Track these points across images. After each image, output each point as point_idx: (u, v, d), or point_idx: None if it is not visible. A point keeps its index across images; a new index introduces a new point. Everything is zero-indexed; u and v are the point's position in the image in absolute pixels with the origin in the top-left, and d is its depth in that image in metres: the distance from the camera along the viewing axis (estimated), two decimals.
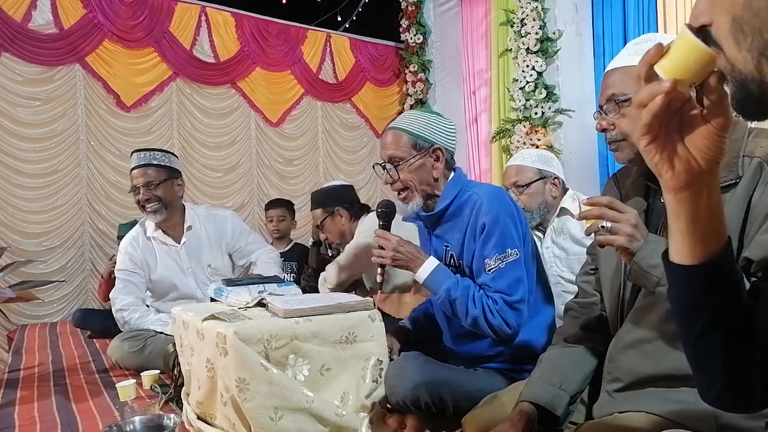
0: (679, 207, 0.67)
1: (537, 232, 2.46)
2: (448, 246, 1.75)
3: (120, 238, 4.02)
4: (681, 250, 0.70)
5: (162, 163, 2.78)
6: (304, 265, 3.91)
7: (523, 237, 1.68)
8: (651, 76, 0.63)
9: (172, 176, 2.79)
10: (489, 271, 1.62)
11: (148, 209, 2.73)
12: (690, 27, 0.60)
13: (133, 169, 2.77)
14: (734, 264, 0.71)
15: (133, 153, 2.84)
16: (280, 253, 3.82)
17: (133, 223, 4.05)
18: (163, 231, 2.85)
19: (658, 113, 0.62)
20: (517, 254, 1.62)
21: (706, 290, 0.70)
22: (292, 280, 3.88)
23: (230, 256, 2.97)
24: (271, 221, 4.05)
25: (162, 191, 2.73)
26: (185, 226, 2.84)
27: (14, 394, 2.40)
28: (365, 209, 2.96)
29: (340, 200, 2.88)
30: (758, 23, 0.54)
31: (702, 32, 0.60)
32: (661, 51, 0.62)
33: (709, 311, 0.70)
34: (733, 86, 0.58)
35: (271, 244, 3.94)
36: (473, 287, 1.64)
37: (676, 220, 0.69)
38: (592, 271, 1.37)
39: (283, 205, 4.12)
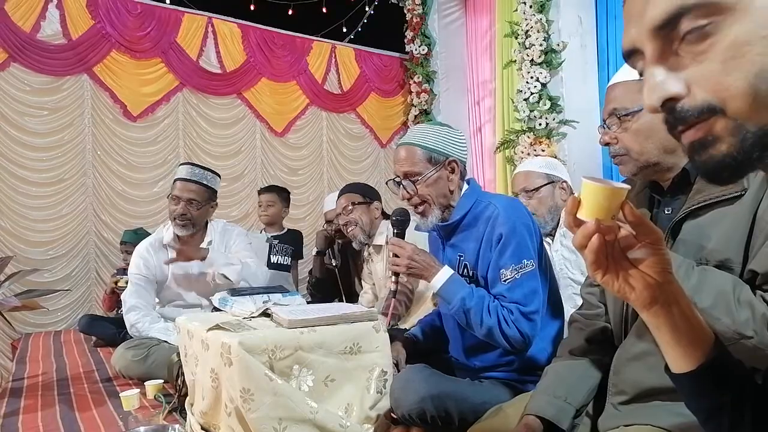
0: (657, 321, 0.72)
1: (547, 238, 2.45)
2: (462, 256, 1.74)
3: (123, 243, 4.08)
4: (677, 360, 0.73)
5: (210, 185, 2.83)
6: (299, 250, 4.11)
7: (537, 249, 1.68)
8: (578, 223, 0.70)
9: (211, 199, 2.85)
10: (505, 281, 1.62)
11: (178, 222, 2.77)
12: (586, 177, 0.69)
13: (181, 179, 2.79)
14: (732, 357, 0.74)
15: (184, 164, 2.89)
16: (275, 236, 3.99)
17: (138, 231, 4.11)
18: (181, 242, 2.88)
19: (598, 250, 0.69)
20: (533, 265, 1.62)
21: (715, 389, 0.72)
22: (288, 262, 3.93)
23: None
24: (260, 206, 4.17)
25: (199, 213, 2.78)
26: (206, 240, 2.88)
27: (18, 403, 2.40)
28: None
29: (378, 199, 2.96)
30: None
31: (666, 105, 0.56)
32: (576, 201, 0.70)
33: (728, 408, 0.72)
34: (732, 146, 0.52)
35: (263, 229, 4.14)
36: (488, 297, 1.64)
37: (660, 334, 0.73)
38: (597, 284, 1.37)
39: (274, 191, 4.18)
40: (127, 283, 3.59)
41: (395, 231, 1.81)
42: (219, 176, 2.95)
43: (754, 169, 0.55)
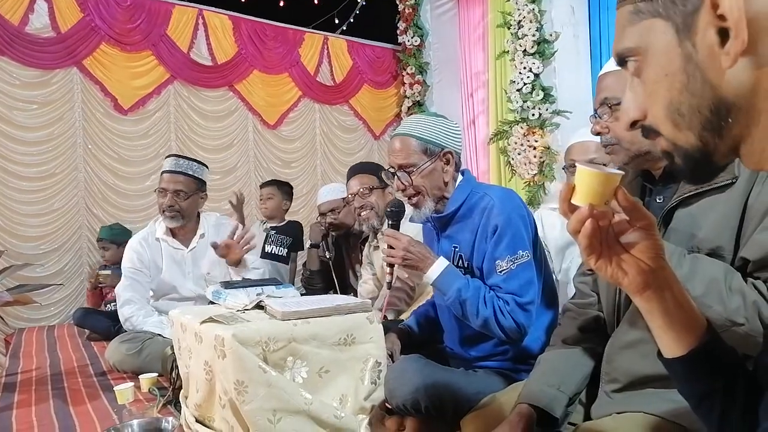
0: (650, 306, 0.73)
1: None
2: (457, 247, 1.75)
3: (100, 240, 4.08)
4: (668, 345, 0.74)
5: (196, 175, 2.84)
6: (298, 242, 4.11)
7: (532, 239, 1.69)
8: (573, 209, 0.71)
9: (200, 189, 2.85)
10: (500, 272, 1.62)
11: (167, 215, 2.77)
12: (582, 162, 0.70)
13: (167, 171, 2.80)
14: (724, 343, 0.74)
15: (169, 156, 2.89)
16: (273, 227, 4.08)
17: (114, 227, 4.11)
18: (173, 234, 2.88)
19: (591, 235, 0.70)
20: (528, 256, 1.63)
21: (707, 374, 0.73)
22: (283, 253, 3.94)
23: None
24: (261, 199, 4.25)
25: (187, 203, 2.79)
26: (199, 233, 2.89)
27: (12, 397, 2.40)
28: None
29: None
30: (696, 102, 0.58)
31: (634, 127, 0.66)
32: (570, 187, 0.71)
33: (719, 393, 0.72)
34: (680, 160, 0.63)
35: (264, 222, 4.20)
36: (484, 288, 1.64)
37: (652, 319, 0.73)
38: (590, 272, 1.38)
39: (273, 185, 4.23)
40: (107, 277, 3.61)
41: (390, 222, 1.80)
42: (206, 167, 2.94)
43: (709, 180, 0.65)
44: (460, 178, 1.80)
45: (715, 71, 0.56)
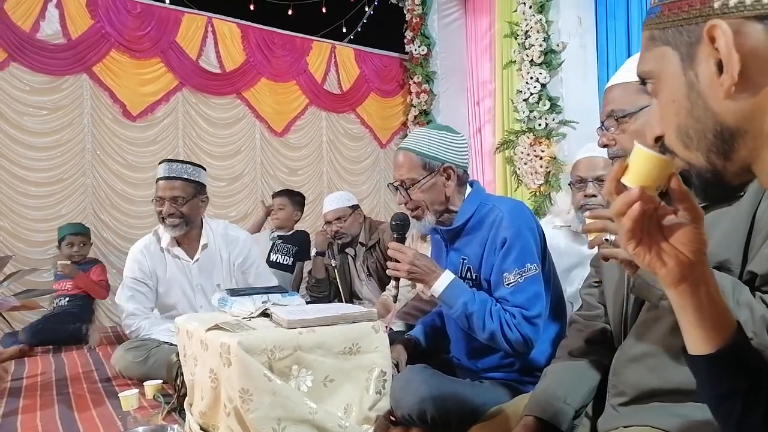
0: (683, 300, 0.71)
1: None
2: (465, 259, 1.74)
3: (60, 241, 4.01)
4: (696, 341, 0.72)
5: (192, 178, 2.73)
6: (304, 251, 4.08)
7: (541, 252, 1.68)
8: (620, 189, 0.70)
9: (198, 192, 2.75)
10: (508, 285, 1.62)
11: (168, 223, 2.67)
12: (641, 143, 0.70)
13: (161, 179, 2.70)
14: (751, 346, 0.73)
15: (162, 162, 2.79)
16: (279, 235, 4.06)
17: (76, 225, 4.12)
18: (178, 244, 2.79)
19: (637, 219, 0.68)
20: (536, 269, 1.62)
21: (732, 375, 0.71)
22: (288, 262, 3.94)
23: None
24: (272, 209, 4.24)
25: (187, 208, 2.68)
26: (201, 243, 2.79)
27: (17, 403, 2.40)
28: None
29: None
30: (700, 127, 0.61)
31: (658, 142, 0.69)
32: (623, 166, 0.69)
33: (742, 395, 0.71)
34: (695, 179, 0.66)
35: (273, 230, 4.18)
36: (490, 301, 1.64)
37: (683, 313, 0.72)
38: (596, 284, 1.37)
39: (285, 195, 4.22)
40: (65, 267, 3.61)
41: (395, 236, 1.80)
42: (203, 168, 2.85)
43: (726, 201, 0.69)
44: (468, 189, 1.79)
45: (715, 100, 0.59)
